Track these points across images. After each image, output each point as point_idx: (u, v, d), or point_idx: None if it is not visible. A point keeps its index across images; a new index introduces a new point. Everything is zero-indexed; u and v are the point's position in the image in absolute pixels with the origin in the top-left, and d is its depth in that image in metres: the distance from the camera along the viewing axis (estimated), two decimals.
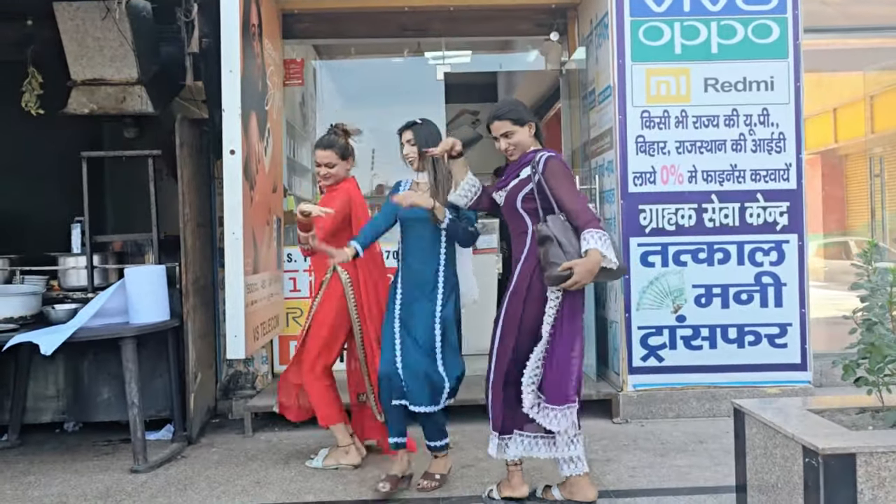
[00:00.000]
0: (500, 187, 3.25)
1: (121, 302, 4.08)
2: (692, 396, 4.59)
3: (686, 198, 4.58)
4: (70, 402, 4.56)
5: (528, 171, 3.11)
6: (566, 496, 3.18)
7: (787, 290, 4.58)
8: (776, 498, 2.62)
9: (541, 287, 3.04)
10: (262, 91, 4.71)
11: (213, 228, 5.00)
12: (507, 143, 3.16)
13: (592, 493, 3.16)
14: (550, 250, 2.94)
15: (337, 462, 3.85)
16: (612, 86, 4.63)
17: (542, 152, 3.14)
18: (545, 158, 3.09)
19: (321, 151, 3.86)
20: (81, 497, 3.53)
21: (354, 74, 6.72)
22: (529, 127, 3.16)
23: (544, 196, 3.05)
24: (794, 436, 2.45)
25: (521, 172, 3.15)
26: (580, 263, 2.89)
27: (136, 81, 4.51)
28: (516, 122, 3.14)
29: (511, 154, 3.19)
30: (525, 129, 3.16)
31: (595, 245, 2.90)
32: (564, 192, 3.02)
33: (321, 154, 3.86)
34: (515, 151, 3.17)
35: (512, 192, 3.16)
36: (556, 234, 2.96)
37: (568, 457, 3.11)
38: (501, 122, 3.15)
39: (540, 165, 3.07)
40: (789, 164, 4.57)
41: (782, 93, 4.57)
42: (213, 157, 4.93)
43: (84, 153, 4.46)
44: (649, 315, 4.59)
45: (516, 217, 3.17)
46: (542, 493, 3.25)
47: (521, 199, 3.11)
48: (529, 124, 3.16)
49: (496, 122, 3.17)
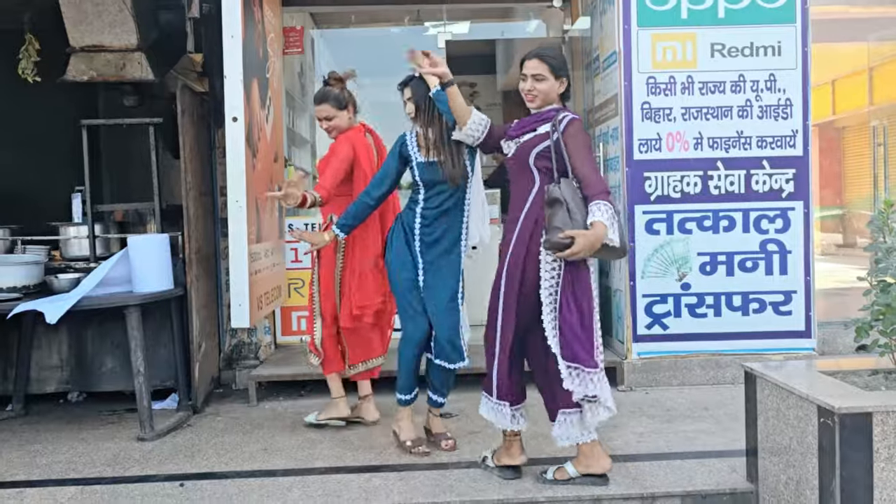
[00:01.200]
0: (512, 136, 3.11)
1: (124, 271, 4.04)
2: (696, 364, 4.60)
3: (692, 165, 4.55)
4: (74, 372, 4.54)
5: (546, 127, 2.99)
6: (582, 471, 3.04)
7: (792, 258, 4.58)
8: (789, 459, 2.63)
9: (538, 249, 2.94)
10: (263, 58, 4.65)
11: (214, 198, 4.96)
12: (532, 86, 3.02)
13: (607, 462, 3.04)
14: (558, 214, 2.84)
15: (328, 416, 3.92)
16: (617, 52, 4.58)
17: (565, 112, 3.03)
18: (568, 119, 2.98)
19: (318, 106, 3.85)
20: (90, 464, 3.53)
21: (353, 44, 6.64)
22: (561, 82, 3.03)
23: (560, 157, 2.94)
24: (809, 396, 2.45)
25: (538, 127, 3.02)
26: (583, 234, 2.77)
27: (136, 48, 4.44)
28: (553, 69, 3.00)
29: (531, 100, 3.05)
30: (556, 83, 3.02)
31: (601, 218, 2.78)
32: (581, 158, 2.90)
33: (318, 109, 3.85)
34: (537, 98, 3.03)
35: (525, 145, 3.03)
36: (567, 198, 2.85)
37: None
38: (540, 62, 3.00)
39: (561, 125, 2.95)
40: (796, 130, 4.55)
41: (790, 58, 4.53)
42: (214, 125, 4.89)
43: (84, 121, 4.40)
44: (654, 283, 4.58)
45: (524, 172, 3.04)
46: (553, 474, 3.08)
47: (535, 155, 3.00)
48: (562, 80, 3.03)
49: (535, 60, 3.01)
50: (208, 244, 4.77)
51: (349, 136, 3.84)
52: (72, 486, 3.24)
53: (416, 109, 3.47)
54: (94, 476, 3.36)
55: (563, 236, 2.78)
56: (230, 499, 3.04)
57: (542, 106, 3.06)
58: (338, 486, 3.12)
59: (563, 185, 2.89)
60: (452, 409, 4.13)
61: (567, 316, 2.92)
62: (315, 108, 3.87)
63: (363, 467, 3.37)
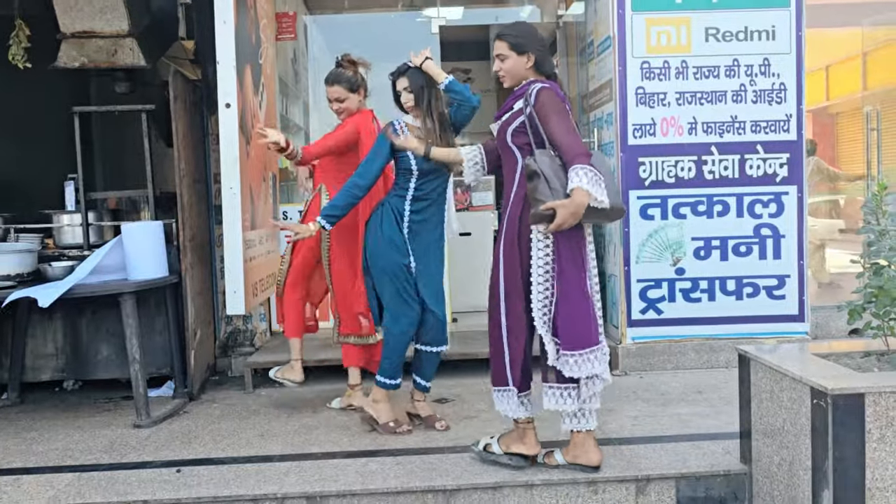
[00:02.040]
0: (496, 118, 3.07)
1: (118, 259, 4.03)
2: (690, 348, 4.62)
3: (686, 150, 4.56)
4: (69, 360, 4.53)
5: (521, 103, 2.93)
6: (570, 461, 3.01)
7: (786, 242, 4.60)
8: (782, 441, 2.65)
9: (529, 230, 2.88)
10: (255, 44, 4.62)
11: (208, 185, 4.94)
12: (498, 66, 2.99)
13: (597, 457, 2.99)
14: (538, 187, 2.76)
15: (283, 376, 4.01)
16: (611, 36, 4.57)
17: (536, 83, 2.92)
18: (538, 89, 2.88)
19: (329, 87, 3.84)
20: (86, 451, 3.54)
21: (346, 30, 6.61)
22: (528, 57, 2.94)
23: (536, 131, 2.85)
24: (803, 378, 2.47)
25: (514, 105, 2.97)
26: (563, 204, 2.69)
27: (127, 34, 4.40)
28: (514, 47, 2.94)
29: (502, 80, 3.02)
30: (520, 59, 2.95)
31: (580, 183, 2.68)
32: (554, 125, 2.80)
33: (330, 90, 3.84)
34: (506, 78, 3.00)
35: (503, 125, 2.98)
36: (544, 169, 2.77)
37: (580, 410, 2.95)
38: (500, 41, 2.98)
39: (532, 98, 2.87)
40: (790, 114, 4.55)
41: (784, 42, 4.53)
42: (207, 112, 4.87)
43: (76, 108, 4.38)
44: (648, 268, 4.60)
45: (507, 153, 3.00)
46: (543, 458, 3.08)
47: (512, 132, 2.94)
48: (528, 54, 2.94)
49: (497, 41, 2.99)
50: (202, 231, 4.76)
51: (356, 119, 3.84)
52: (69, 472, 3.25)
53: (416, 99, 3.45)
54: (91, 463, 3.37)
55: (544, 208, 2.72)
56: (227, 484, 3.05)
57: (514, 84, 3.01)
58: (334, 471, 3.14)
59: (538, 156, 2.82)
60: (448, 395, 4.15)
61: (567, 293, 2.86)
62: (327, 88, 3.85)
63: (360, 452, 3.38)
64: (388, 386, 3.57)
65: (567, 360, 2.86)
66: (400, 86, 3.50)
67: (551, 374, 2.95)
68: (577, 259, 2.89)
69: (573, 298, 2.87)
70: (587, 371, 2.87)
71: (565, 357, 2.86)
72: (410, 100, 3.47)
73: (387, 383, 3.56)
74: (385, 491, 2.96)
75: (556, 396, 2.94)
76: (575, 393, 2.93)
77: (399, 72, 3.52)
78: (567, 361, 2.86)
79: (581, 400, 2.93)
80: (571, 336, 2.86)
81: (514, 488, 2.98)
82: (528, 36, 2.99)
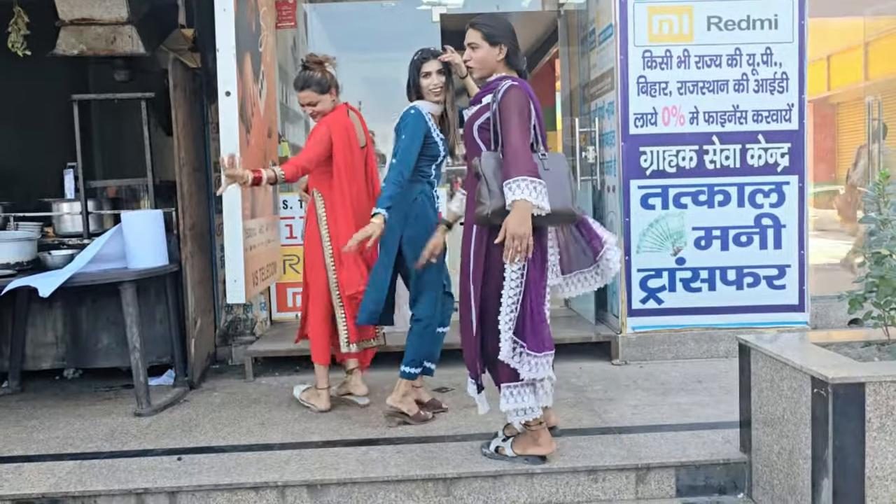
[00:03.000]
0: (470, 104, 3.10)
1: (118, 247, 4.03)
2: (690, 338, 4.62)
3: (687, 139, 4.54)
4: (69, 348, 4.54)
5: (489, 98, 2.91)
6: (519, 452, 3.04)
7: (787, 232, 4.59)
8: (783, 430, 2.65)
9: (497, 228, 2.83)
10: (255, 32, 4.60)
11: (207, 174, 4.93)
12: (469, 55, 2.97)
13: (548, 448, 3.01)
14: (481, 189, 2.78)
15: (308, 399, 3.92)
16: (613, 25, 4.54)
17: (507, 80, 2.89)
18: (506, 87, 2.84)
19: (300, 93, 3.76)
20: (87, 439, 3.54)
21: (346, 18, 6.56)
22: (500, 49, 2.92)
23: (497, 129, 2.84)
24: (803, 367, 2.47)
25: (483, 98, 2.95)
26: (507, 223, 2.68)
27: (127, 21, 4.38)
28: (487, 37, 2.91)
29: (472, 70, 3.01)
30: (493, 49, 2.92)
31: (518, 196, 2.65)
32: (507, 130, 2.77)
33: (301, 95, 3.77)
34: (476, 68, 2.98)
35: (471, 118, 2.98)
36: (486, 171, 2.77)
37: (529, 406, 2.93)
38: (473, 31, 2.95)
39: (499, 94, 2.84)
40: (791, 104, 4.54)
41: (786, 31, 4.50)
42: (207, 100, 4.85)
43: (75, 96, 4.36)
44: (649, 258, 4.59)
45: (473, 146, 2.97)
46: (492, 449, 3.10)
47: (478, 127, 2.93)
48: (500, 46, 2.92)
49: (469, 29, 2.97)
50: (202, 220, 4.75)
51: (327, 120, 3.75)
52: (70, 460, 3.26)
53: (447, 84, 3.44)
54: (92, 451, 3.38)
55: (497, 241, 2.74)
56: (228, 472, 3.06)
57: (484, 75, 2.99)
58: (335, 459, 3.14)
59: (484, 157, 2.82)
60: (448, 384, 4.16)
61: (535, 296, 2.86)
62: (297, 94, 3.77)
63: (360, 440, 3.39)
64: (415, 375, 3.57)
65: (529, 361, 2.84)
66: (432, 67, 3.42)
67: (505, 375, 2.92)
68: (543, 263, 2.92)
69: (538, 302, 2.87)
70: (542, 373, 2.87)
71: (528, 357, 2.84)
72: (441, 83, 3.41)
73: (414, 373, 3.55)
74: (385, 479, 2.97)
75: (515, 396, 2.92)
76: (530, 390, 2.92)
77: (433, 53, 3.45)
78: (529, 362, 2.84)
79: (538, 400, 2.94)
80: (538, 339, 2.84)
81: (515, 477, 2.99)
82: (502, 28, 2.95)
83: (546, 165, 2.81)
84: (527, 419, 2.95)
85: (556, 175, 2.81)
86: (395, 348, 4.10)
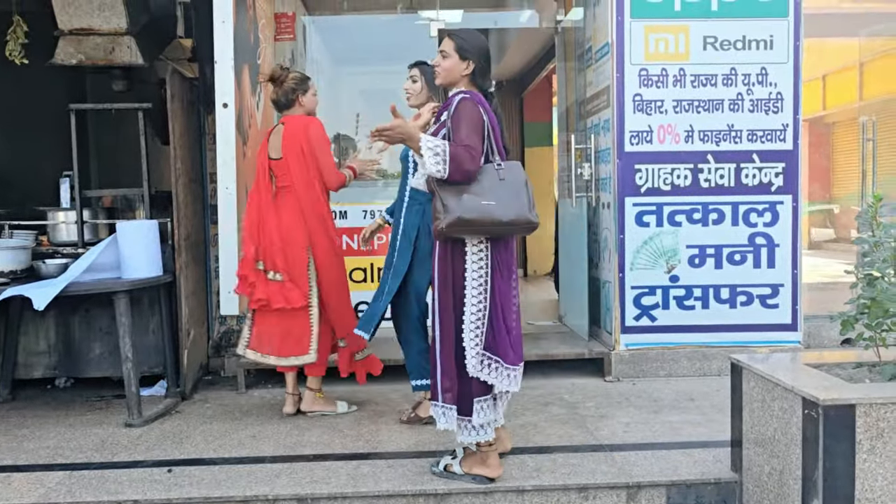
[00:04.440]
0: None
1: (113, 257, 4.02)
2: (683, 356, 4.63)
3: (682, 158, 4.56)
4: (62, 357, 4.52)
5: (446, 115, 2.93)
6: (466, 470, 3.03)
7: (780, 251, 4.61)
8: (773, 450, 2.65)
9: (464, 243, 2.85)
10: (254, 44, 4.63)
11: (203, 185, 4.94)
12: (438, 61, 2.98)
13: (497, 472, 2.99)
14: (435, 204, 2.79)
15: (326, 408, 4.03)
16: (610, 43, 4.58)
17: (460, 94, 2.89)
18: (458, 99, 2.86)
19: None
20: (77, 449, 3.52)
21: (345, 31, 6.60)
22: (468, 64, 2.92)
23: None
24: (794, 388, 2.48)
25: (442, 115, 2.97)
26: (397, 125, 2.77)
27: (126, 32, 4.40)
28: (458, 49, 2.92)
29: (436, 75, 3.02)
30: (461, 63, 2.92)
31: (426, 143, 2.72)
32: (457, 132, 2.78)
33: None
34: (440, 75, 2.99)
35: (431, 135, 2.95)
36: (438, 187, 2.77)
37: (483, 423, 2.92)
38: (448, 40, 2.98)
39: (452, 107, 2.86)
40: (786, 124, 4.57)
41: (781, 52, 4.54)
42: (204, 112, 4.86)
43: (72, 105, 4.36)
44: (643, 275, 4.60)
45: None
46: (441, 467, 3.09)
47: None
48: (469, 62, 2.92)
49: (446, 38, 3.00)
50: (197, 231, 4.76)
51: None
52: (59, 471, 3.24)
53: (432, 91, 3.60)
54: (82, 461, 3.36)
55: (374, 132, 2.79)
56: (219, 484, 3.04)
57: (445, 83, 3.00)
58: (326, 473, 3.13)
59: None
60: None
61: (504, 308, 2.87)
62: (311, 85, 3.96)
63: (352, 454, 3.38)
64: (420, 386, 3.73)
65: (509, 375, 2.88)
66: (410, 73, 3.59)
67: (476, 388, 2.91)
68: (509, 274, 2.91)
69: (508, 313, 2.88)
70: (517, 386, 2.90)
71: (506, 371, 2.87)
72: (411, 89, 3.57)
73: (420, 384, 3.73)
74: (376, 494, 2.96)
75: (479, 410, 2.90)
76: (492, 404, 2.94)
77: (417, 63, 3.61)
78: (501, 374, 2.87)
79: (497, 412, 2.96)
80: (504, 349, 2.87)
81: (506, 493, 2.98)
82: (476, 46, 2.96)
83: (501, 175, 2.80)
84: (479, 440, 2.94)
85: (511, 184, 2.80)
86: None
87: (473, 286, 2.85)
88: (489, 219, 2.74)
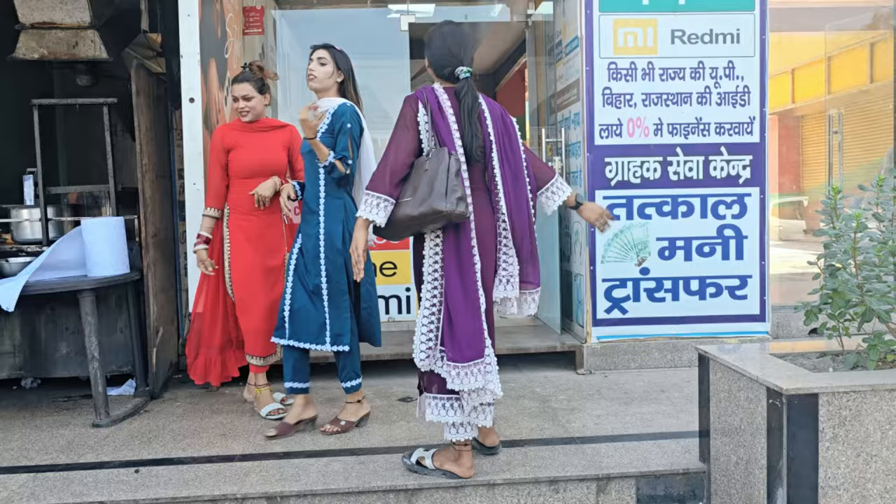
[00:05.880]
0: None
1: (78, 255, 3.96)
2: (654, 348, 4.67)
3: (651, 151, 4.59)
4: (27, 357, 4.44)
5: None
6: (437, 465, 3.01)
7: (748, 243, 4.66)
8: (739, 440, 2.68)
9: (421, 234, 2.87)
10: (221, 38, 4.57)
11: (171, 181, 4.87)
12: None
13: (467, 473, 2.97)
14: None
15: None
16: (579, 37, 4.59)
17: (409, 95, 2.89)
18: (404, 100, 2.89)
19: (237, 85, 3.80)
20: (43, 451, 3.47)
21: (315, 25, 6.53)
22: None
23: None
24: (759, 378, 2.50)
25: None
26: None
27: (89, 26, 4.33)
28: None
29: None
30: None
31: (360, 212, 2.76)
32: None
33: (237, 87, 3.80)
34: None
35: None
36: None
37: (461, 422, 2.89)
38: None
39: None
40: (753, 117, 4.61)
41: (748, 46, 4.58)
42: (172, 107, 4.80)
43: (35, 100, 4.28)
44: (614, 268, 4.63)
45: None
46: (413, 460, 3.08)
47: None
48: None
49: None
50: (166, 228, 4.69)
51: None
52: (23, 473, 3.18)
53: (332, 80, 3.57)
54: (47, 463, 3.30)
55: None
56: (186, 484, 3.01)
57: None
58: (296, 471, 3.11)
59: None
60: (413, 394, 4.15)
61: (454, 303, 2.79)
62: (234, 87, 3.81)
63: (322, 451, 3.36)
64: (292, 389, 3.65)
65: (449, 372, 2.79)
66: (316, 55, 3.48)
67: (434, 385, 2.89)
68: (466, 265, 2.80)
69: (459, 309, 2.77)
70: (469, 384, 2.77)
71: (448, 368, 2.80)
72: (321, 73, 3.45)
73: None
74: (347, 491, 2.95)
75: (438, 408, 2.88)
76: (458, 405, 2.87)
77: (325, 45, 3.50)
78: (449, 373, 2.79)
79: (466, 413, 2.87)
80: (455, 346, 2.78)
81: (476, 488, 2.99)
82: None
83: (426, 166, 2.73)
84: (457, 438, 2.91)
85: (430, 173, 2.70)
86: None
87: (428, 280, 2.85)
88: (404, 216, 2.72)
